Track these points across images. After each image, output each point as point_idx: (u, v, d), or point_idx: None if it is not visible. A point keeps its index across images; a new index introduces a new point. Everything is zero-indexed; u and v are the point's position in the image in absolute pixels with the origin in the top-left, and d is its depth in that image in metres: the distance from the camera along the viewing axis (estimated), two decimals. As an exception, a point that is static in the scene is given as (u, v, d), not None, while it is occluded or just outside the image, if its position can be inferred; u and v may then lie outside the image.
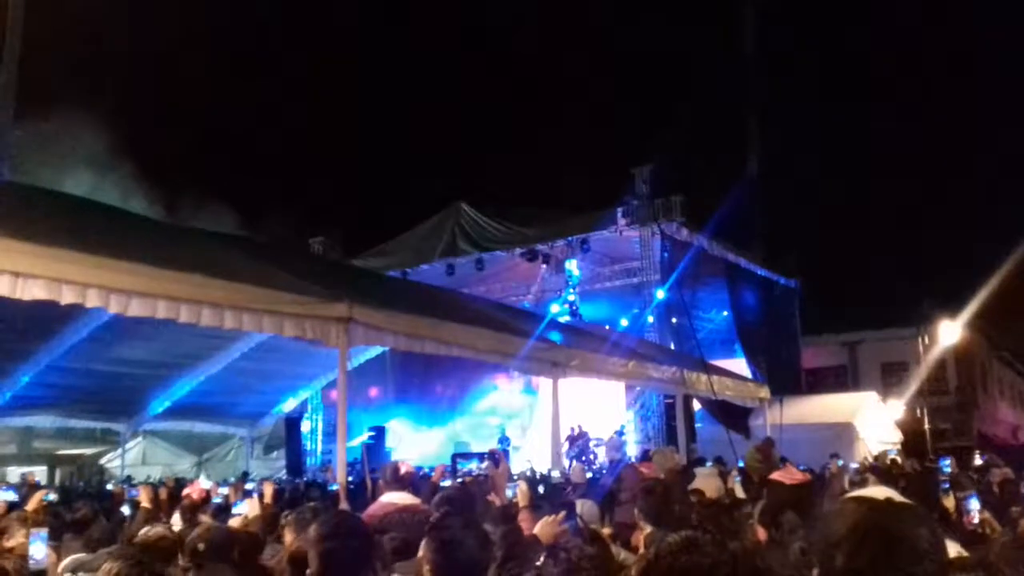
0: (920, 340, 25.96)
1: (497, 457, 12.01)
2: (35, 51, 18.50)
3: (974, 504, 4.95)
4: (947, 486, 6.13)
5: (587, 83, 50.56)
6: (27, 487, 9.89)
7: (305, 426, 23.11)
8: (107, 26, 24.21)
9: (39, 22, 18.62)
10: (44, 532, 3.62)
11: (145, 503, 6.07)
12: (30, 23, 18.29)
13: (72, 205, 11.36)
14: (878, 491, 1.72)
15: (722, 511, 6.67)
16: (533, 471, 16.36)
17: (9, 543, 3.99)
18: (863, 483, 6.39)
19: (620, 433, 21.89)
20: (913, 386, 26.56)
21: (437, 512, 3.51)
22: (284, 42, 45.69)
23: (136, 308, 7.73)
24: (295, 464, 21.74)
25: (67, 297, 7.50)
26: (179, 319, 8.10)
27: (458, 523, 2.92)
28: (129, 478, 18.46)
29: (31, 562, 3.56)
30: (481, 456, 14.63)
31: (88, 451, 22.36)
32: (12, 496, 4.41)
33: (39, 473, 19.67)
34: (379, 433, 22.68)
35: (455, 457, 16.62)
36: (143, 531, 3.95)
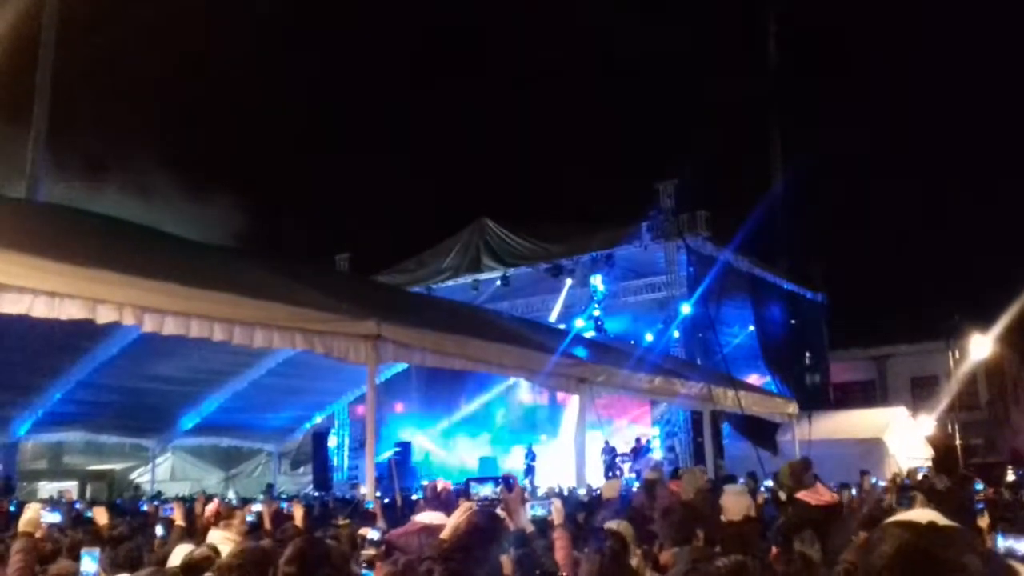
0: (951, 354, 25.62)
1: (511, 481, 12.01)
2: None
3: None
4: (981, 506, 6.00)
5: (610, 96, 50.51)
6: (66, 505, 10.01)
7: (332, 441, 23.20)
8: (129, 49, 24.74)
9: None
10: (96, 551, 3.68)
11: (179, 521, 6.12)
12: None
13: (102, 224, 11.56)
14: (921, 514, 1.67)
15: (748, 529, 6.62)
16: (560, 488, 16.31)
17: (54, 568, 4.04)
18: (911, 502, 6.29)
19: (648, 449, 21.81)
20: (944, 401, 26.19)
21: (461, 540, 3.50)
22: (300, 52, 46.00)
23: (171, 327, 7.85)
24: (322, 479, 21.83)
25: (103, 316, 7.64)
26: (212, 337, 8.22)
27: (468, 555, 2.90)
28: (159, 493, 18.62)
29: (82, 580, 3.60)
30: (496, 480, 14.59)
31: (118, 466, 22.60)
32: (57, 518, 4.43)
33: (69, 489, 19.89)
34: (405, 448, 22.74)
35: (469, 481, 16.56)
36: (187, 551, 3.97)
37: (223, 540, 4.94)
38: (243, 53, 30.06)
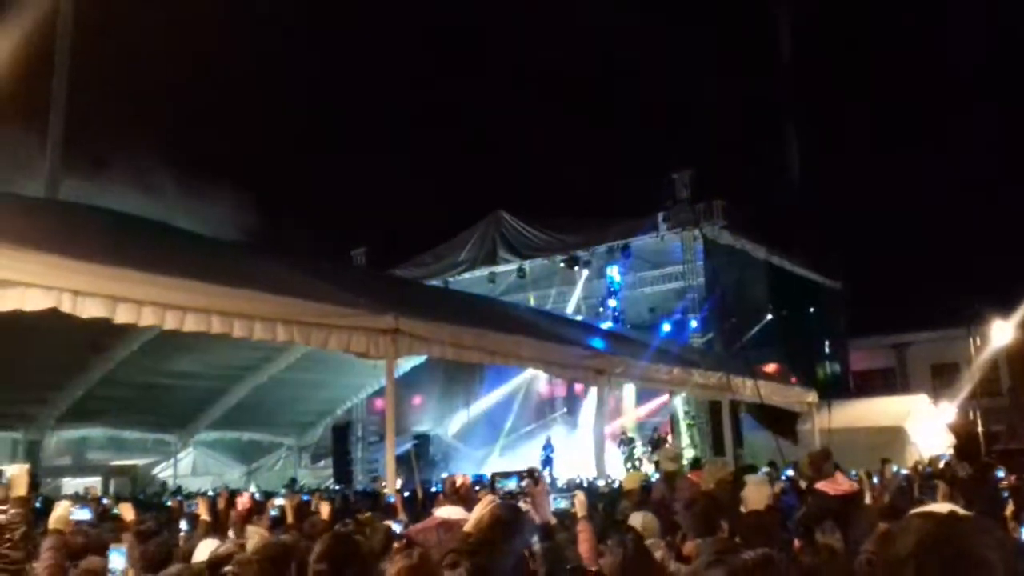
0: (971, 341, 25.40)
1: (536, 475, 12.03)
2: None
3: None
4: (1007, 495, 5.94)
5: (622, 88, 50.27)
6: (92, 502, 10.11)
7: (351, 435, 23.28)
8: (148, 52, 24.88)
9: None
10: (123, 547, 3.73)
11: (204, 515, 6.16)
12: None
13: (119, 222, 11.63)
14: (941, 506, 1.71)
15: (770, 520, 6.59)
16: (581, 479, 16.33)
17: (83, 564, 4.09)
18: (934, 491, 6.26)
19: (666, 440, 21.78)
20: (965, 388, 25.99)
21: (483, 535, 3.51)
22: (314, 49, 46.05)
23: (191, 323, 7.90)
24: (343, 473, 21.93)
25: (123, 314, 7.70)
26: (232, 333, 8.27)
27: (493, 549, 2.90)
28: (180, 488, 18.78)
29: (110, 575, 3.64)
30: (520, 475, 14.62)
31: (140, 462, 22.75)
32: (87, 515, 4.47)
33: (94, 485, 20.04)
34: (424, 441, 22.81)
35: (494, 476, 16.63)
36: (212, 548, 4.01)
37: (257, 534, 4.98)
38: (246, 54, 30.19)
